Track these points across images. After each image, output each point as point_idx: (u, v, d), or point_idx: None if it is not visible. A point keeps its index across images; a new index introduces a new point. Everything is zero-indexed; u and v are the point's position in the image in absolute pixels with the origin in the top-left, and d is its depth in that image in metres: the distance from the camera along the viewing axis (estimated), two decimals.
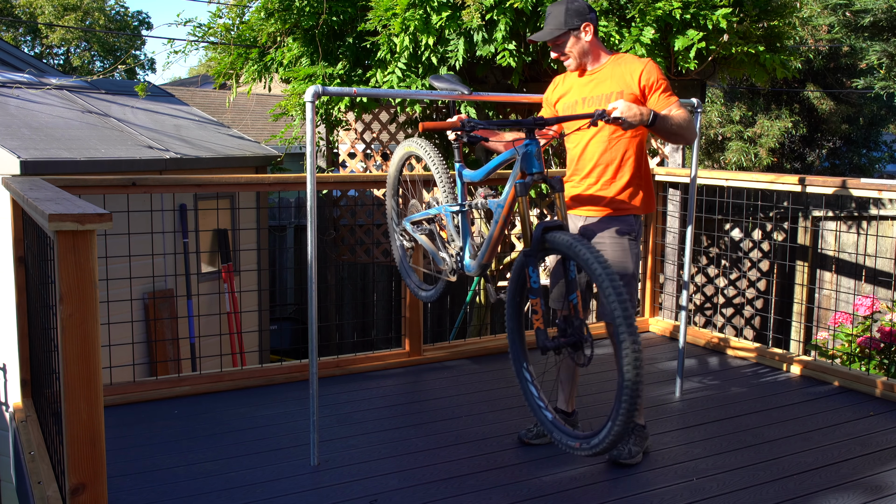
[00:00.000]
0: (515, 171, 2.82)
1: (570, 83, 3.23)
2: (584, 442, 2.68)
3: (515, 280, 2.93)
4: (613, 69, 3.10)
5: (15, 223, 3.56)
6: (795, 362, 4.26)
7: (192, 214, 6.48)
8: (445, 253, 3.26)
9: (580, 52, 3.11)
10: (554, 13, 3.08)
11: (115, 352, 3.72)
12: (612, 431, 2.55)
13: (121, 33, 27.08)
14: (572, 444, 2.71)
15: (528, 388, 2.93)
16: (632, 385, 2.48)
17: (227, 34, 6.04)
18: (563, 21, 3.05)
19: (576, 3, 3.06)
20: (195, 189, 4.32)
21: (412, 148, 3.35)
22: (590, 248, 2.57)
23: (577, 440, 2.71)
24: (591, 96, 3.12)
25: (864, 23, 8.47)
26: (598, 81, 3.12)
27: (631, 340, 2.48)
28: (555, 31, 3.07)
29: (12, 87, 6.97)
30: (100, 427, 2.22)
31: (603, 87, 3.10)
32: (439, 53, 5.06)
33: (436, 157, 3.20)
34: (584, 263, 2.56)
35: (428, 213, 3.35)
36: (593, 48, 3.12)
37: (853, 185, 3.83)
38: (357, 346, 7.98)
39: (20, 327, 3.61)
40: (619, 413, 2.51)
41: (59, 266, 2.12)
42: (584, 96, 3.15)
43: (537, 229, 2.74)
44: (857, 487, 2.91)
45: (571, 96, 3.21)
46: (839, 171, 10.97)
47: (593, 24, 3.08)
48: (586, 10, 3.07)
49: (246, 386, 3.99)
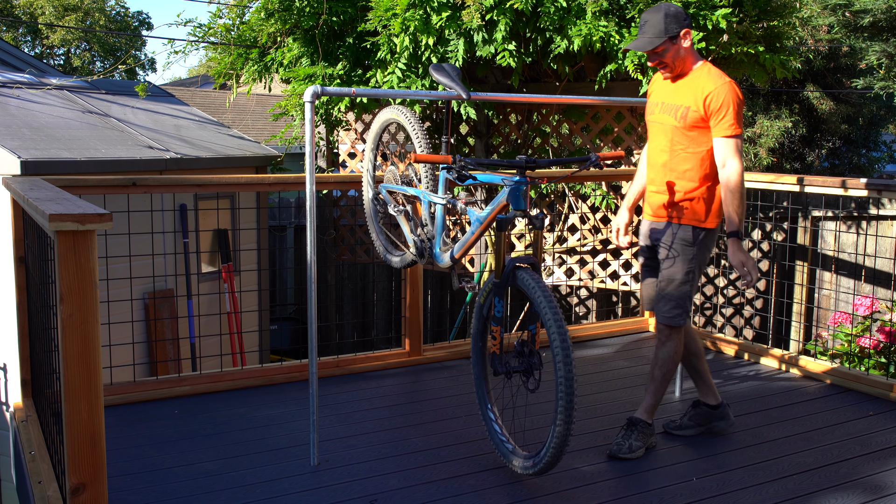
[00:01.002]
0: (499, 200, 2.87)
1: (659, 84, 3.26)
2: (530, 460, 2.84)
3: (478, 322, 3.09)
4: (694, 81, 3.08)
5: (15, 223, 3.57)
6: (795, 362, 4.26)
7: (193, 214, 6.48)
8: (415, 236, 3.29)
9: (678, 59, 3.08)
10: (652, 21, 3.02)
11: (116, 352, 3.72)
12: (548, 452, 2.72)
13: (121, 33, 27.08)
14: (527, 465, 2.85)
15: (492, 427, 3.08)
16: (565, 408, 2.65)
17: (228, 34, 6.04)
18: (662, 29, 3.00)
19: (672, 8, 3.03)
20: (195, 189, 4.33)
21: (397, 116, 3.31)
22: (545, 293, 2.71)
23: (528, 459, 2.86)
24: (668, 103, 3.15)
25: (864, 23, 8.46)
26: (676, 90, 3.13)
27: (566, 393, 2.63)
28: (655, 41, 3.01)
29: (13, 87, 6.97)
30: (100, 427, 2.22)
31: (678, 98, 3.11)
32: (439, 54, 5.06)
33: (420, 131, 3.17)
34: (538, 307, 2.72)
35: (406, 190, 3.35)
36: (687, 54, 3.09)
37: (853, 185, 3.83)
38: (357, 346, 7.98)
39: (20, 327, 3.61)
40: (555, 435, 2.68)
41: (60, 266, 2.13)
42: (663, 101, 3.18)
43: (509, 264, 2.85)
44: (857, 487, 2.91)
45: (655, 97, 3.24)
46: (839, 171, 10.96)
47: (690, 30, 3.06)
48: (683, 16, 3.03)
49: (246, 386, 3.99)
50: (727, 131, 3.00)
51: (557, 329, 2.64)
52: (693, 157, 3.09)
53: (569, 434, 2.66)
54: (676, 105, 3.10)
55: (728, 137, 3.01)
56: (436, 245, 3.21)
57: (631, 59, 4.80)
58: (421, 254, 3.26)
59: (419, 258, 3.29)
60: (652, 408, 3.25)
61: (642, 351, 4.67)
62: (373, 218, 3.62)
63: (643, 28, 3.05)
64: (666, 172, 3.16)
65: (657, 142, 3.21)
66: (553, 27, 4.94)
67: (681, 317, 3.18)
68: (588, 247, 5.88)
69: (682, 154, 3.11)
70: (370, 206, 3.62)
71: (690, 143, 3.09)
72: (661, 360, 3.24)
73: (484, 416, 3.12)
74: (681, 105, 3.08)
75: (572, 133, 6.18)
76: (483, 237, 3.11)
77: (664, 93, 3.19)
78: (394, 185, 3.45)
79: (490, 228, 2.99)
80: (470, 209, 3.05)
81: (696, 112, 3.04)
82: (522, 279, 2.80)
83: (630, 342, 4.85)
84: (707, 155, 3.08)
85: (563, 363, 2.62)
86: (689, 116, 3.06)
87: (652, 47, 3.03)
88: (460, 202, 3.08)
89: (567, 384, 2.62)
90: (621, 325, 5.08)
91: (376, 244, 3.62)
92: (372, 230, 3.62)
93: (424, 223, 3.25)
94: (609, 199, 5.65)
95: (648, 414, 3.23)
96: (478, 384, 3.17)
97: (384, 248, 3.58)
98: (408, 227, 3.37)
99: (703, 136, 3.07)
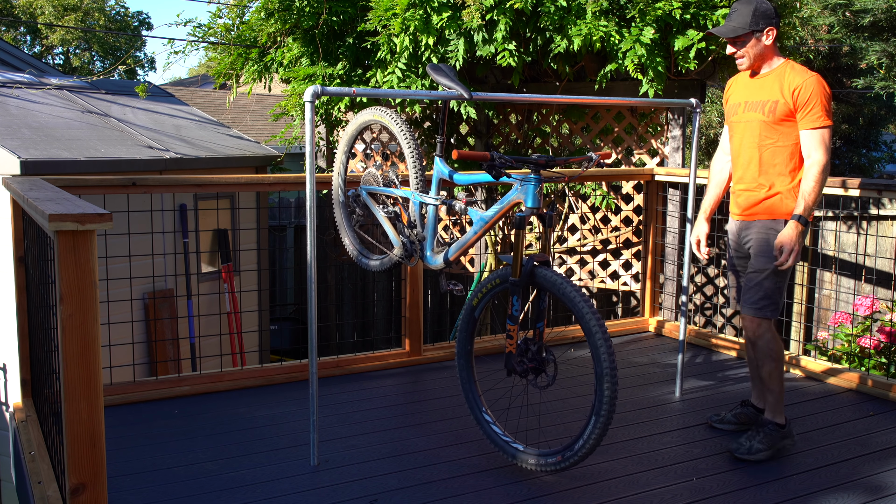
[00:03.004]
0: (509, 199, 2.87)
1: (739, 85, 3.28)
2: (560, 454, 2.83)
3: (467, 325, 3.07)
4: (780, 76, 3.11)
5: (15, 223, 3.56)
6: (795, 362, 4.26)
7: (192, 214, 6.48)
8: (405, 238, 3.25)
9: (756, 54, 3.13)
10: (740, 11, 3.11)
11: (115, 352, 3.72)
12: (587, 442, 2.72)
13: (121, 33, 27.08)
14: (552, 461, 2.85)
15: (491, 430, 3.07)
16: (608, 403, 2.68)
17: (227, 34, 6.05)
18: (748, 21, 3.08)
19: (764, 4, 3.09)
20: (195, 189, 4.33)
21: (381, 118, 3.25)
22: (576, 288, 2.73)
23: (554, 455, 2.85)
24: (751, 101, 3.18)
25: (864, 23, 8.46)
26: (760, 87, 3.16)
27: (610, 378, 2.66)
28: (738, 30, 3.10)
29: (12, 87, 6.97)
30: (100, 427, 2.22)
31: (762, 94, 3.14)
32: (439, 53, 5.06)
33: (409, 134, 3.14)
34: (571, 302, 2.71)
35: (393, 191, 3.32)
36: (769, 52, 3.14)
37: (853, 185, 3.83)
38: (357, 346, 7.98)
39: (20, 327, 3.61)
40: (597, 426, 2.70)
41: (60, 266, 2.12)
42: (745, 100, 3.20)
43: (527, 262, 2.84)
44: (858, 488, 2.91)
45: (736, 98, 3.27)
46: (839, 171, 10.95)
47: (776, 30, 3.10)
48: (772, 14, 3.10)
49: (246, 386, 3.99)
50: (815, 123, 3.03)
51: (597, 321, 2.65)
52: (783, 150, 3.10)
53: (609, 426, 2.68)
54: (763, 101, 3.13)
55: (815, 129, 3.03)
56: (427, 247, 3.18)
57: (631, 59, 4.79)
58: (409, 256, 3.24)
59: (405, 260, 3.26)
60: (776, 406, 3.19)
61: (643, 351, 4.67)
62: (345, 222, 3.57)
63: (731, 16, 3.14)
64: (755, 169, 3.17)
65: (745, 140, 3.20)
66: (553, 27, 4.94)
67: (769, 308, 3.13)
68: (588, 247, 5.87)
69: (772, 148, 3.12)
70: (342, 211, 3.57)
71: (780, 137, 3.10)
72: (761, 358, 3.18)
73: (478, 419, 3.11)
74: (768, 100, 3.11)
75: (572, 133, 6.18)
76: (483, 237, 3.10)
77: (747, 92, 3.21)
78: (377, 187, 3.40)
79: (493, 228, 2.98)
80: (472, 209, 3.03)
81: (786, 105, 3.06)
82: (545, 276, 2.79)
83: (630, 342, 4.85)
84: (796, 149, 3.10)
85: (606, 354, 2.63)
86: (778, 110, 3.08)
87: (733, 35, 3.11)
88: (460, 202, 3.07)
89: (612, 375, 2.64)
90: (621, 325, 5.08)
91: (349, 248, 3.57)
92: (344, 234, 3.58)
93: (414, 224, 3.23)
94: (609, 199, 5.65)
95: (774, 413, 3.18)
96: (467, 388, 3.14)
97: (358, 252, 3.53)
98: (393, 229, 3.33)
99: (792, 130, 3.09)
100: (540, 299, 2.86)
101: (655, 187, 5.04)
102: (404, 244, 3.24)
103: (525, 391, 3.05)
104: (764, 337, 3.16)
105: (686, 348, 4.28)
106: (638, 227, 5.69)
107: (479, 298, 3.02)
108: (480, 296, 3.02)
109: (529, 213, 2.84)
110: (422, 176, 3.15)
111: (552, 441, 3.06)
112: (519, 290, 2.85)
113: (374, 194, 3.46)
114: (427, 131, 6.43)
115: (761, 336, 3.16)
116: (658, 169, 5.04)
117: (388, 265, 3.38)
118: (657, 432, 3.41)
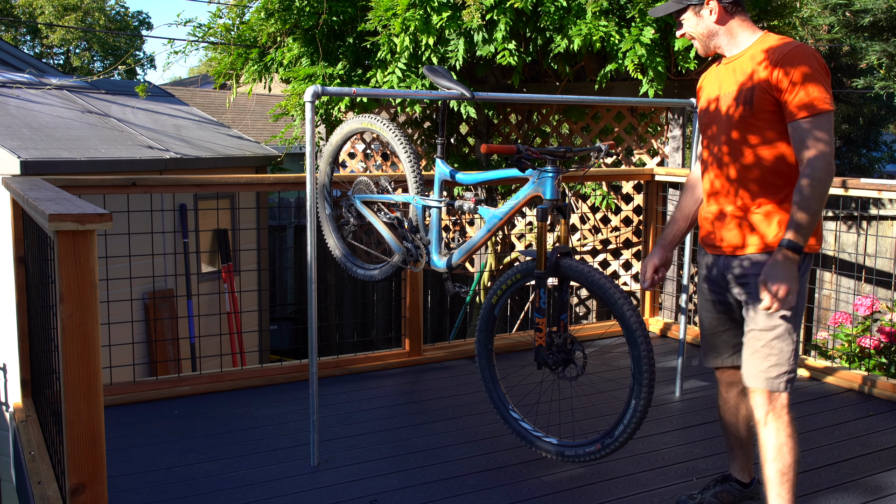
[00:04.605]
0: (525, 193, 2.86)
1: (709, 79, 2.56)
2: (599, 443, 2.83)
3: (486, 323, 3.07)
4: (751, 56, 2.37)
5: (15, 223, 3.56)
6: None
7: (192, 214, 6.48)
8: (409, 243, 3.23)
9: (704, 33, 2.45)
10: None
11: (115, 352, 3.72)
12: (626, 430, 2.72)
13: (121, 33, 27.08)
14: (590, 450, 2.85)
15: (520, 427, 3.06)
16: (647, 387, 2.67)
17: (227, 34, 6.05)
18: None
19: None
20: (195, 189, 4.33)
21: (372, 125, 3.19)
22: (606, 277, 2.72)
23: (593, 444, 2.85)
24: (723, 93, 2.45)
25: (864, 23, 8.46)
26: (731, 74, 2.43)
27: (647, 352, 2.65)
28: (670, 7, 2.51)
29: (12, 87, 6.97)
30: (100, 427, 2.22)
31: (732, 83, 2.41)
32: (439, 53, 5.06)
33: (404, 139, 3.12)
34: (602, 291, 2.70)
35: (391, 198, 3.30)
36: (728, 31, 2.42)
37: (853, 185, 3.83)
38: (357, 346, 7.98)
39: (20, 327, 3.61)
40: (637, 409, 2.69)
41: (60, 266, 2.12)
42: (717, 94, 2.48)
43: (552, 254, 2.82)
44: (857, 487, 2.91)
45: (706, 95, 2.56)
46: (839, 171, 10.96)
47: (720, 3, 2.40)
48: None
49: (246, 386, 3.99)
50: (807, 109, 2.24)
51: (632, 308, 2.65)
52: (770, 152, 2.34)
53: (648, 409, 2.69)
54: (735, 90, 2.39)
55: (808, 117, 2.24)
56: (433, 250, 3.16)
57: (631, 59, 4.80)
58: (414, 261, 3.21)
59: (407, 265, 3.25)
60: None
61: None
62: (333, 232, 3.54)
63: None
64: (736, 183, 2.40)
65: (719, 147, 2.44)
66: (553, 27, 4.94)
67: (786, 378, 2.36)
68: (588, 247, 5.87)
69: (755, 153, 2.35)
70: (329, 222, 3.53)
71: (764, 136, 2.34)
72: (772, 451, 2.35)
73: (505, 418, 3.09)
74: (742, 87, 2.36)
75: (572, 133, 6.18)
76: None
77: (717, 85, 2.49)
78: (372, 195, 3.37)
79: (504, 225, 2.97)
80: (482, 207, 3.01)
81: (765, 89, 2.30)
82: (571, 266, 2.77)
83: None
84: (788, 149, 2.33)
85: (643, 339, 2.64)
86: (755, 97, 2.32)
87: (664, 13, 2.54)
88: (469, 202, 3.05)
89: (649, 358, 2.64)
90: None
91: (342, 261, 3.53)
92: (335, 247, 3.54)
93: (417, 229, 3.21)
94: (609, 199, 5.65)
95: None
96: (490, 387, 3.13)
97: (352, 263, 3.50)
98: (394, 235, 3.30)
99: (779, 123, 2.32)
100: (563, 291, 2.85)
101: (655, 187, 5.04)
102: (409, 249, 3.22)
103: (539, 387, 3.06)
104: (772, 425, 2.36)
105: (686, 349, 4.28)
106: (638, 227, 5.69)
107: (498, 296, 3.00)
108: (500, 293, 3.00)
109: (550, 205, 2.80)
110: (420, 179, 3.14)
111: (577, 434, 3.10)
112: (545, 283, 2.82)
113: (369, 203, 3.41)
114: (427, 131, 6.43)
115: (772, 423, 2.36)
116: (658, 169, 5.04)
117: (389, 272, 3.37)
118: (657, 432, 3.41)
